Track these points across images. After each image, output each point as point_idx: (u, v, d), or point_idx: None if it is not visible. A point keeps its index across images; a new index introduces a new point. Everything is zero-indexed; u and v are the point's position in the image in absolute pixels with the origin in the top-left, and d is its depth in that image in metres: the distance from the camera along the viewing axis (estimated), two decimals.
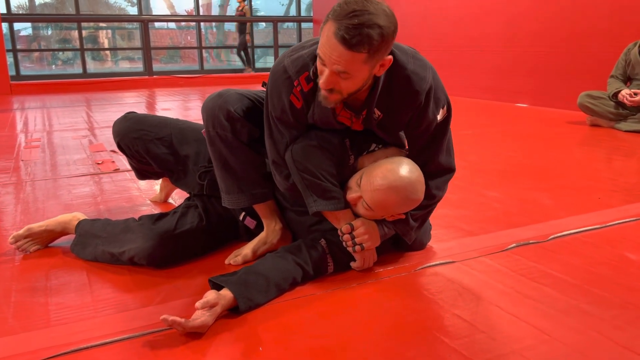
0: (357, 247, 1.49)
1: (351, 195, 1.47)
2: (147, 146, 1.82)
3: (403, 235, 1.58)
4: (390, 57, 1.33)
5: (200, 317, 1.22)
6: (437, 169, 1.56)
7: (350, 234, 1.48)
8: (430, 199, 1.56)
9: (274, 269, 1.42)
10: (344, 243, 1.50)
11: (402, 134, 1.61)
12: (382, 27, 1.23)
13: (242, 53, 9.62)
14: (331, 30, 1.24)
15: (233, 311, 1.32)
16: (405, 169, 1.42)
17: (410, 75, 1.40)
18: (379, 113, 1.46)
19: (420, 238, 1.67)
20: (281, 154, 1.52)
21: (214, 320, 1.26)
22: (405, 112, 1.46)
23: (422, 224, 1.62)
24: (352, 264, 1.55)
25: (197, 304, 1.23)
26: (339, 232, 1.50)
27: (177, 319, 1.19)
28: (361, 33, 1.21)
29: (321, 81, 1.32)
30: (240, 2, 8.97)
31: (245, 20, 9.46)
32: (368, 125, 1.50)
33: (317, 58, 1.32)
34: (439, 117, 1.49)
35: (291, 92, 1.43)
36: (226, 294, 1.30)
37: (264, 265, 1.43)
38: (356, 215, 1.52)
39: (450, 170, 1.61)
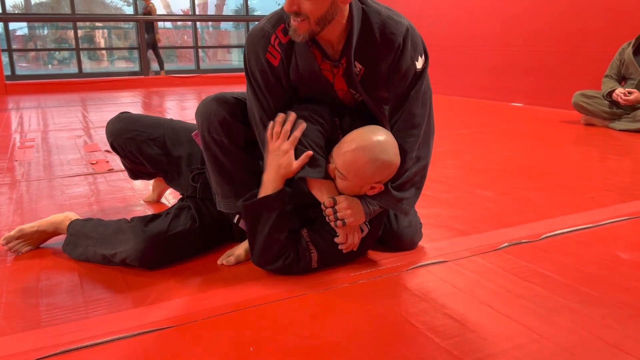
0: (339, 222, 1.47)
1: (329, 167, 1.49)
2: (140, 147, 1.81)
3: (394, 210, 1.53)
4: None
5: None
6: (412, 121, 1.51)
7: (332, 208, 1.47)
8: (412, 161, 1.51)
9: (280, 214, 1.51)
10: (326, 218, 1.49)
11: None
12: None
13: (153, 53, 9.17)
14: None
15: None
16: (374, 131, 1.44)
17: (385, 20, 1.43)
18: (360, 66, 1.46)
19: (411, 237, 1.67)
20: (265, 123, 1.52)
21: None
22: (385, 60, 1.46)
23: (413, 194, 1.55)
24: (336, 239, 1.53)
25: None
26: (322, 206, 1.49)
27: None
28: None
29: (285, 4, 1.34)
30: (146, 1, 8.73)
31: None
32: (350, 83, 1.50)
33: None
34: (418, 65, 1.48)
35: (267, 50, 1.45)
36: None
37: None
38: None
39: (424, 125, 1.54)
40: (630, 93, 3.86)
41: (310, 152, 1.46)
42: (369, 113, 1.59)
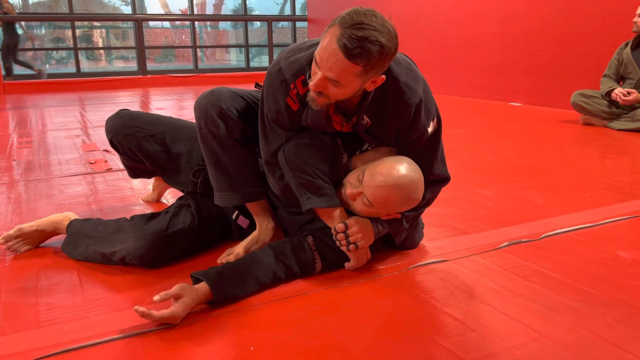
0: (352, 247, 1.48)
1: (351, 190, 1.47)
2: (139, 143, 1.81)
3: (394, 235, 1.58)
4: (384, 76, 1.35)
5: (170, 307, 1.24)
6: (432, 178, 1.58)
7: (344, 233, 1.48)
8: (424, 203, 1.57)
9: (253, 264, 1.43)
10: (337, 242, 1.50)
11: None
12: (383, 45, 1.24)
13: (19, 58, 8.32)
14: (334, 35, 1.24)
15: (210, 304, 1.34)
16: (409, 168, 1.44)
17: (402, 87, 1.41)
18: (368, 120, 1.47)
19: (412, 236, 1.68)
20: (275, 154, 1.52)
21: (186, 312, 1.27)
22: (394, 123, 1.47)
23: (411, 226, 1.63)
24: (347, 265, 1.54)
25: (155, 297, 1.23)
26: (332, 230, 1.50)
27: (147, 310, 1.21)
28: (362, 46, 1.22)
29: (312, 83, 1.32)
30: (4, 2, 8.44)
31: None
32: (356, 130, 1.51)
33: (314, 59, 1.32)
34: (429, 130, 1.50)
35: (288, 95, 1.44)
36: (202, 286, 1.32)
37: (244, 260, 1.45)
38: (349, 214, 1.52)
39: (445, 179, 1.64)
40: (629, 93, 3.86)
41: None
42: None
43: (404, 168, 1.43)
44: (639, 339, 1.19)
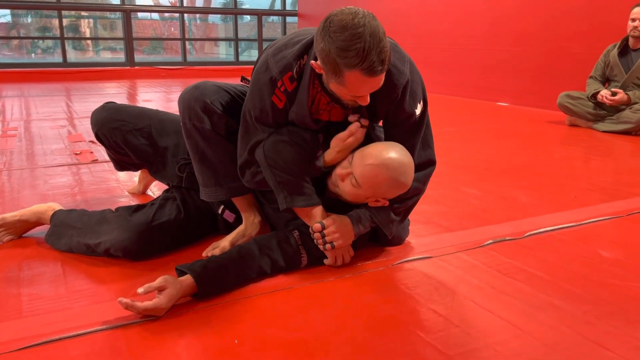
0: (328, 246, 1.48)
1: (341, 171, 1.47)
2: (125, 137, 1.80)
3: (383, 227, 1.56)
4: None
5: (154, 299, 1.24)
6: (416, 162, 1.56)
7: (320, 233, 1.48)
8: (412, 193, 1.55)
9: (239, 257, 1.43)
10: (315, 241, 1.50)
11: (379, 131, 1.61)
12: (381, 31, 1.25)
13: None
14: (359, 76, 1.26)
15: (195, 297, 1.34)
16: (399, 151, 1.44)
17: (390, 69, 1.41)
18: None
19: (398, 233, 1.68)
20: (252, 150, 1.52)
21: (170, 304, 1.27)
22: (383, 105, 1.47)
23: (403, 219, 1.63)
24: (325, 261, 1.54)
25: (139, 289, 1.23)
26: (310, 230, 1.50)
27: (131, 301, 1.21)
28: (384, 55, 1.25)
29: (364, 102, 1.36)
30: None
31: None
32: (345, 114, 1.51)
33: (350, 97, 1.35)
34: (417, 111, 1.50)
35: (273, 93, 1.43)
36: (186, 279, 1.32)
37: (229, 254, 1.44)
38: (332, 208, 1.52)
39: (430, 163, 1.61)
40: (615, 93, 3.90)
41: None
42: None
43: (394, 151, 1.43)
44: (617, 337, 1.21)
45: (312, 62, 1.34)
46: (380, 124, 1.61)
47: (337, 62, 1.25)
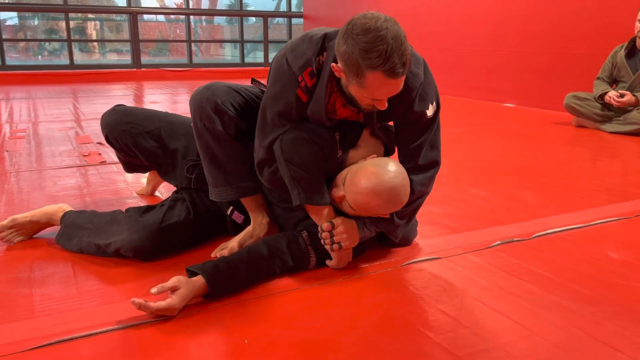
0: (335, 246, 1.49)
1: (337, 193, 1.48)
2: (135, 139, 1.81)
3: (388, 233, 1.59)
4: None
5: (167, 299, 1.25)
6: (420, 163, 1.56)
7: (329, 232, 1.49)
8: (416, 196, 1.56)
9: (248, 258, 1.44)
10: (322, 241, 1.51)
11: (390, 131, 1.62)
12: (402, 34, 1.27)
13: None
14: (380, 78, 1.27)
15: (206, 297, 1.35)
16: (390, 173, 1.42)
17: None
18: None
19: (406, 234, 1.69)
20: (271, 145, 1.52)
21: (183, 304, 1.28)
22: (397, 107, 1.48)
23: (409, 221, 1.63)
24: (328, 262, 1.55)
25: (152, 289, 1.24)
26: (319, 228, 1.51)
27: (144, 302, 1.22)
28: (405, 57, 1.27)
29: (382, 106, 1.37)
30: None
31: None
32: (369, 118, 1.52)
33: (370, 100, 1.35)
34: (428, 113, 1.51)
35: (298, 87, 1.44)
36: (198, 279, 1.33)
37: (239, 255, 1.45)
38: (339, 213, 1.53)
39: (435, 164, 1.61)
40: (622, 95, 3.89)
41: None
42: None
43: (384, 174, 1.41)
44: (626, 337, 1.21)
45: (333, 64, 1.35)
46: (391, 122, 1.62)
47: (360, 64, 1.26)
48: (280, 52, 1.50)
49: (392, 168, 1.44)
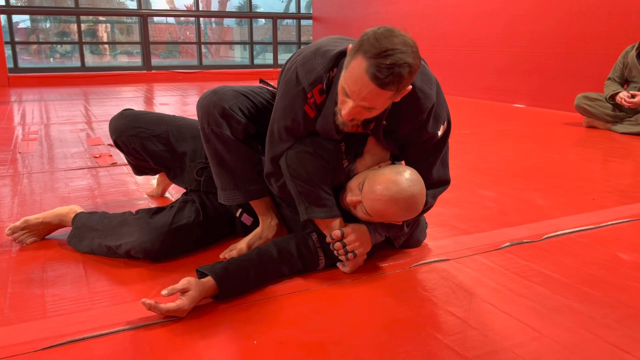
0: (350, 255, 1.49)
1: (351, 198, 1.48)
2: (143, 143, 1.82)
3: (394, 239, 1.60)
4: (410, 86, 1.34)
5: (177, 301, 1.26)
6: (432, 181, 1.58)
7: (341, 242, 1.48)
8: (425, 208, 1.57)
9: (258, 259, 1.45)
10: (335, 252, 1.50)
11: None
12: (411, 65, 1.24)
13: None
14: (362, 68, 1.23)
15: (215, 298, 1.36)
16: (409, 181, 1.42)
17: (417, 93, 1.41)
18: (384, 122, 1.46)
19: (416, 236, 1.69)
20: (277, 159, 1.53)
21: (192, 305, 1.29)
22: (406, 125, 1.47)
23: (412, 229, 1.64)
24: (340, 267, 1.55)
25: (163, 291, 1.25)
26: (328, 238, 1.49)
27: (154, 302, 1.23)
28: (393, 73, 1.21)
29: (344, 112, 1.32)
30: None
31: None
32: (374, 134, 1.51)
33: (341, 88, 1.32)
34: (439, 133, 1.50)
35: (306, 103, 1.43)
36: (208, 281, 1.34)
37: (248, 256, 1.46)
38: (350, 219, 1.52)
39: (445, 182, 1.64)
40: (634, 96, 3.86)
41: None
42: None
43: (404, 181, 1.41)
44: (638, 340, 1.20)
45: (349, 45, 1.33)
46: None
47: (362, 44, 1.24)
48: (291, 62, 1.49)
49: (410, 176, 1.44)
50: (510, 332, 1.23)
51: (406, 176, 1.43)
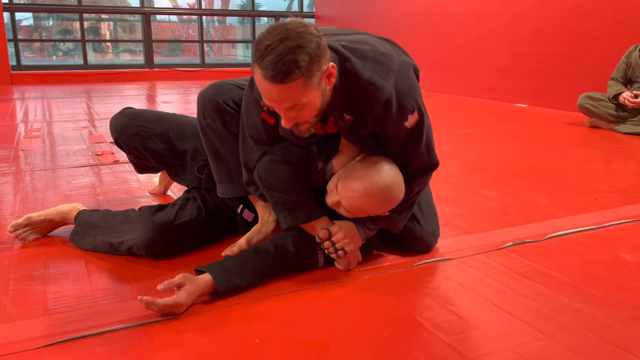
0: (340, 252, 1.49)
1: (332, 199, 1.46)
2: (144, 142, 1.82)
3: (389, 228, 1.57)
4: (332, 63, 1.26)
5: (173, 295, 1.27)
6: (418, 167, 1.50)
7: (330, 240, 1.48)
8: (414, 192, 1.52)
9: (255, 256, 1.45)
10: (325, 251, 1.50)
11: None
12: (301, 46, 1.17)
13: None
14: (259, 75, 1.19)
15: (214, 295, 1.36)
16: (380, 173, 1.39)
17: (366, 85, 1.32)
18: (350, 117, 1.39)
19: (428, 241, 1.67)
20: (252, 172, 1.53)
21: (189, 300, 1.29)
22: (368, 118, 1.39)
23: (409, 213, 1.58)
24: (337, 265, 1.55)
25: (159, 286, 1.25)
26: (316, 239, 1.50)
27: (151, 298, 1.24)
28: (284, 63, 1.15)
29: (282, 122, 1.28)
30: None
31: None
32: (338, 129, 1.46)
33: (263, 103, 1.30)
34: (407, 125, 1.39)
35: (262, 110, 1.42)
36: (205, 276, 1.34)
37: (246, 252, 1.47)
38: (338, 217, 1.51)
39: (431, 167, 1.54)
40: (637, 96, 3.85)
41: None
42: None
43: (375, 175, 1.39)
44: None
45: None
46: None
47: (252, 59, 1.22)
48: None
49: (382, 167, 1.41)
50: (513, 331, 1.23)
51: (378, 167, 1.40)
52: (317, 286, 1.45)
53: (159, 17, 11.35)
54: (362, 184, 1.39)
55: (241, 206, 1.74)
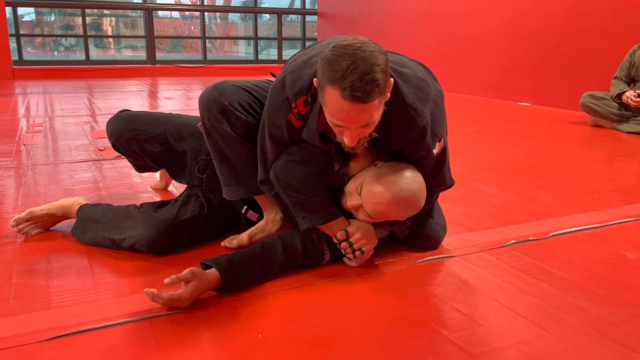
0: (357, 253, 1.49)
1: (352, 202, 1.47)
2: (142, 146, 1.81)
3: (397, 233, 1.60)
4: (392, 79, 1.28)
5: (179, 290, 1.27)
6: (437, 189, 1.59)
7: (347, 241, 1.48)
8: (426, 209, 1.57)
9: (262, 252, 1.44)
10: (342, 251, 1.50)
11: None
12: (378, 64, 1.19)
13: None
14: (337, 96, 1.19)
15: (219, 290, 1.36)
16: (407, 180, 1.41)
17: (408, 109, 1.35)
18: (375, 134, 1.41)
19: (438, 239, 1.68)
20: (266, 166, 1.53)
21: (194, 295, 1.29)
22: (399, 140, 1.42)
23: (414, 222, 1.63)
24: (349, 262, 1.54)
25: (165, 280, 1.25)
26: (334, 239, 1.50)
27: (156, 291, 1.24)
28: (367, 82, 1.17)
29: (348, 141, 1.29)
30: None
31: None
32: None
33: (332, 125, 1.28)
34: (435, 151, 1.45)
35: (290, 112, 1.41)
36: (211, 272, 1.34)
37: (253, 249, 1.46)
38: (349, 216, 1.52)
39: (448, 187, 1.63)
40: (639, 95, 3.84)
41: None
42: None
43: (402, 182, 1.40)
44: None
45: (314, 79, 1.29)
46: None
47: (323, 75, 1.21)
48: (284, 68, 1.46)
49: (408, 174, 1.42)
50: (516, 329, 1.23)
51: (404, 174, 1.42)
52: (321, 282, 1.45)
53: (161, 13, 11.35)
54: (390, 191, 1.39)
55: (245, 207, 1.73)
